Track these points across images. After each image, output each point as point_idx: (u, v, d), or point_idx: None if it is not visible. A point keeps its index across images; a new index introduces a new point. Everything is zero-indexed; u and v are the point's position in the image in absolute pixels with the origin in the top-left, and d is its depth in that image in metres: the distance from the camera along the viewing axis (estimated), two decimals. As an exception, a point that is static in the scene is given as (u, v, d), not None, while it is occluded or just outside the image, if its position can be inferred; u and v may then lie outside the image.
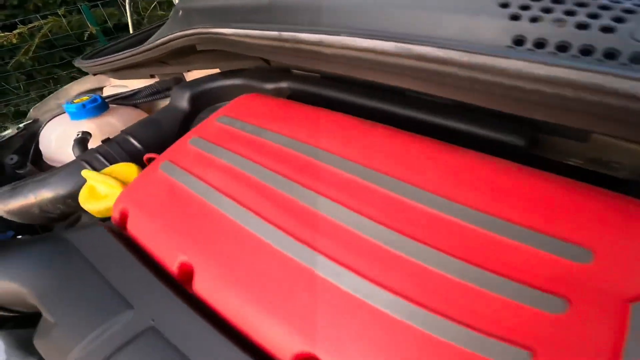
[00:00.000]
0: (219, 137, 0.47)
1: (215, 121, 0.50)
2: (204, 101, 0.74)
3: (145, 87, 0.93)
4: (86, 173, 0.54)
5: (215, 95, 0.74)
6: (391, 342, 0.27)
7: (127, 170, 0.56)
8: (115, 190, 0.52)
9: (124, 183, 0.53)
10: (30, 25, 2.40)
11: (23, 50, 2.45)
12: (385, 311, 0.28)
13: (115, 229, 0.43)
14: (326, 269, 0.31)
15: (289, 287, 0.31)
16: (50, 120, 0.94)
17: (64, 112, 0.98)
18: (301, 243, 0.34)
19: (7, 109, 2.97)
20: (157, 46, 0.73)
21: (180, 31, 0.65)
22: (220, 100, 0.74)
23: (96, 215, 0.54)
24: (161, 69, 0.97)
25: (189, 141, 0.48)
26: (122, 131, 0.69)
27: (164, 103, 1.00)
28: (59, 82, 2.99)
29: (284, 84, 0.66)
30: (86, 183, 0.55)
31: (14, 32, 2.30)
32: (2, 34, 2.29)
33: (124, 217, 0.43)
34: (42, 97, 3.01)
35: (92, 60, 0.99)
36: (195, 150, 0.46)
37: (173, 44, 0.70)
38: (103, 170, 0.57)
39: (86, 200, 0.53)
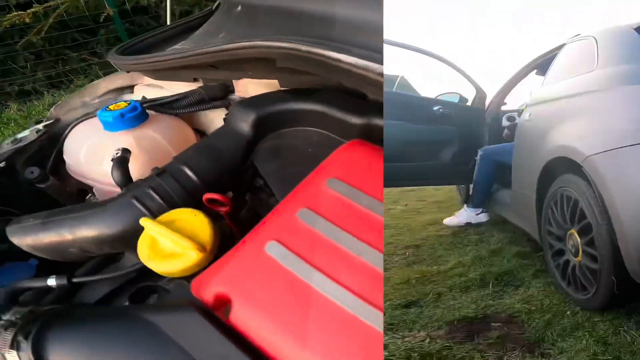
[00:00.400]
0: (336, 213, 0.37)
1: (326, 185, 0.40)
2: (271, 126, 0.62)
3: (189, 93, 0.81)
4: (145, 222, 0.43)
5: (285, 119, 0.62)
6: None
7: (193, 220, 0.45)
8: (189, 251, 0.41)
9: (192, 239, 0.42)
10: (45, 5, 2.25)
11: (35, 29, 2.29)
12: None
13: (209, 312, 0.35)
14: None
15: None
16: (76, 125, 0.82)
17: (91, 114, 0.86)
18: None
19: (11, 88, 2.83)
20: (222, 51, 0.61)
21: (262, 40, 0.53)
22: (291, 126, 0.62)
23: (160, 273, 0.44)
24: (207, 73, 0.85)
25: (298, 214, 0.38)
26: (175, 158, 0.58)
27: (206, 114, 0.88)
28: (68, 63, 2.86)
29: (377, 121, 0.54)
30: (144, 232, 0.44)
31: (28, 11, 2.15)
32: (16, 13, 2.14)
33: (222, 302, 0.35)
34: (49, 78, 2.89)
35: (131, 57, 0.87)
36: (309, 230, 0.36)
37: (243, 53, 0.58)
38: (161, 217, 0.46)
39: (149, 257, 0.43)
